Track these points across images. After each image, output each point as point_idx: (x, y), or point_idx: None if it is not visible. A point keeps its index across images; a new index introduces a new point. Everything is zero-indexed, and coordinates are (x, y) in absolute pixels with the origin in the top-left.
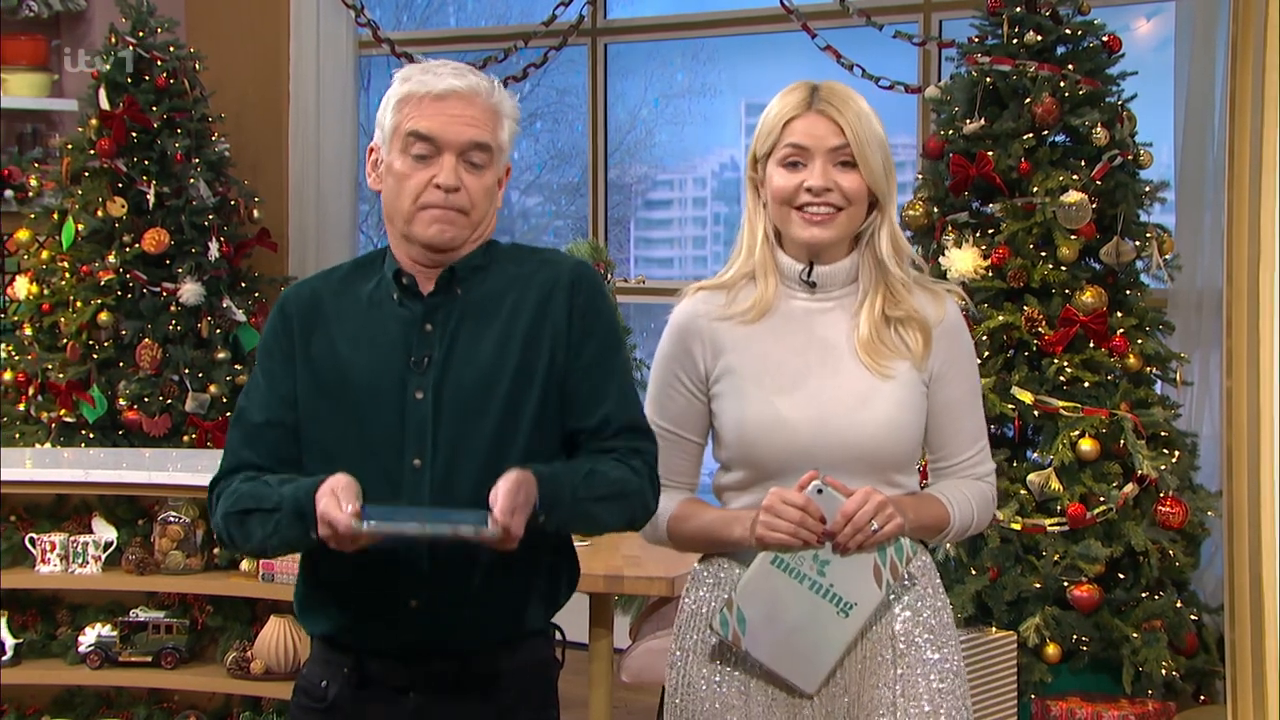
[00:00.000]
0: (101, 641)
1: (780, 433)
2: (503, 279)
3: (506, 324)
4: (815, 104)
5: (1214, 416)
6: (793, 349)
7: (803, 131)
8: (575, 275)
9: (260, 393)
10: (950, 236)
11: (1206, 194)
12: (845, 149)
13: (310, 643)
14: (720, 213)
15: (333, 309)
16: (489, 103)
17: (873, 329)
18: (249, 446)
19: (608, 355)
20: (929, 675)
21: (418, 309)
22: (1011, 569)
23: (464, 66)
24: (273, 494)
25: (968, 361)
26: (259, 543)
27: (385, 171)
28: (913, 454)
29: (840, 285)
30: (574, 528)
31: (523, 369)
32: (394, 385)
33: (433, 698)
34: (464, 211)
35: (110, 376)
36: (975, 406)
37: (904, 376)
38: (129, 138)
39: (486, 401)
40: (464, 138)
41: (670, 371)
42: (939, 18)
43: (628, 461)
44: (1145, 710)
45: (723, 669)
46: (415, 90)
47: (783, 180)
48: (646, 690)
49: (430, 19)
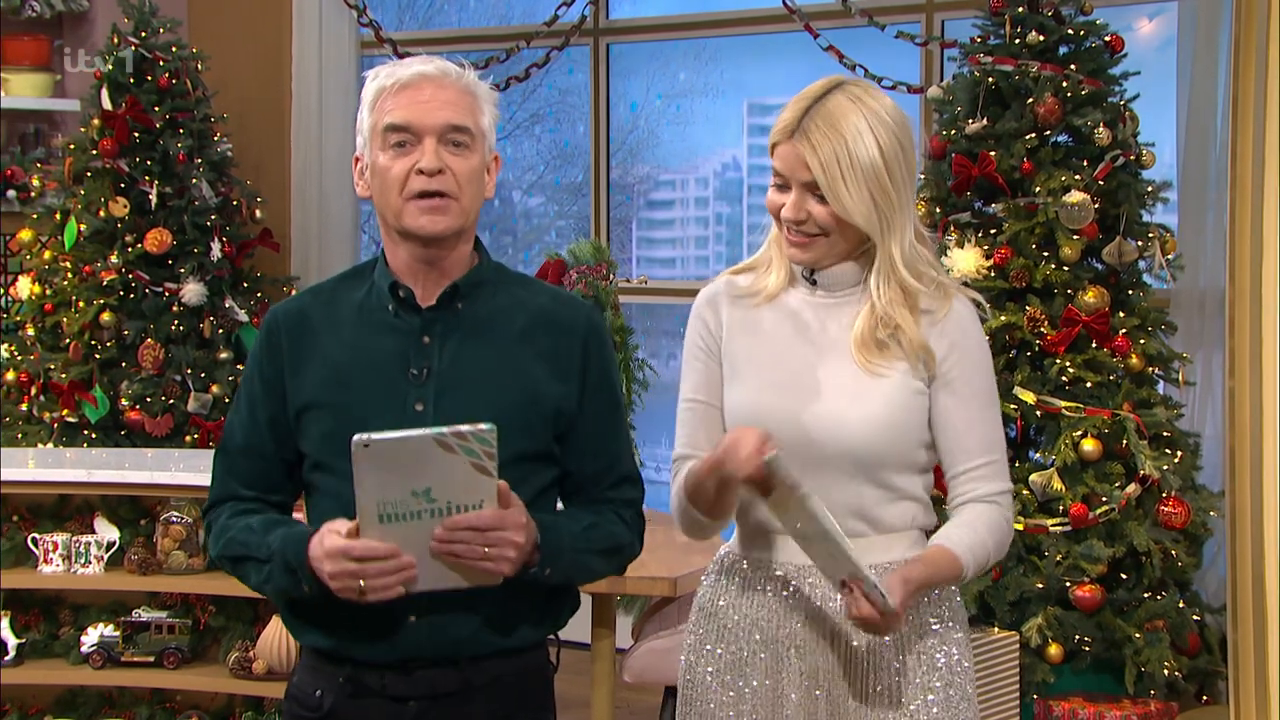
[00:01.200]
0: (104, 641)
1: (766, 424)
2: (508, 299)
3: (514, 345)
4: (799, 130)
5: (1216, 417)
6: (789, 343)
7: (780, 159)
8: (593, 323)
9: (242, 419)
10: (952, 236)
11: (1209, 194)
12: (814, 185)
13: (301, 648)
14: (722, 213)
15: (322, 322)
16: (461, 84)
17: (870, 328)
18: (233, 475)
19: (614, 408)
20: (936, 673)
21: (415, 321)
22: (1014, 569)
23: (432, 57)
24: (261, 544)
25: (973, 366)
26: (255, 588)
27: (370, 173)
28: (905, 456)
29: (844, 287)
30: (571, 578)
31: (532, 392)
32: (393, 397)
33: (431, 704)
34: (452, 196)
35: (112, 376)
36: (984, 415)
37: (899, 377)
38: (131, 138)
39: (490, 417)
40: (439, 120)
41: (694, 343)
42: (941, 18)
43: (622, 514)
44: (1148, 710)
45: (735, 666)
46: (384, 84)
47: (772, 196)
48: (648, 690)
49: (432, 19)
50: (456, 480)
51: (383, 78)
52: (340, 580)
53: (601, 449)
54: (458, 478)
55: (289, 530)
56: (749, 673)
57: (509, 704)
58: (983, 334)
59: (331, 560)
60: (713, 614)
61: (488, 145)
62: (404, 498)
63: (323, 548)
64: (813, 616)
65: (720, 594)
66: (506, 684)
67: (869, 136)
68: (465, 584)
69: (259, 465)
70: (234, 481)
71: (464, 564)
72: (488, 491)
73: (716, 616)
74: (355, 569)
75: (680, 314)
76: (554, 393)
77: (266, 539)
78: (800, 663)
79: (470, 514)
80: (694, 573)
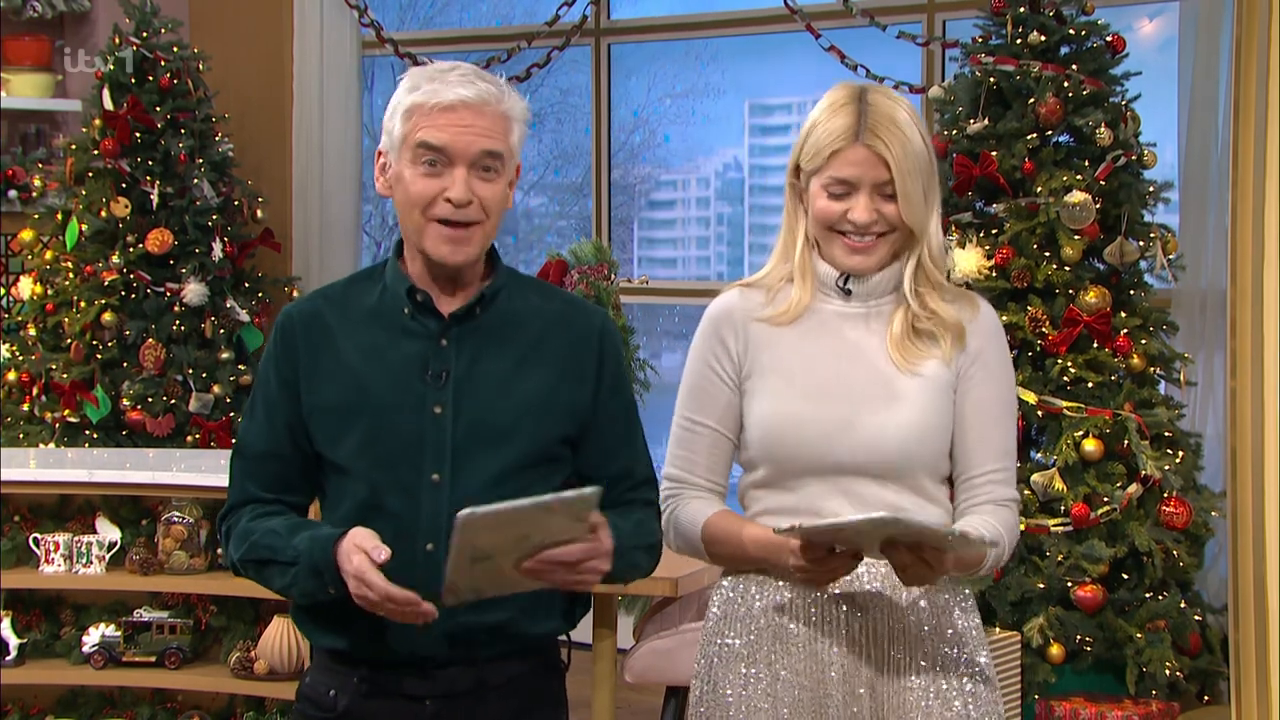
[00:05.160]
0: (105, 641)
1: (804, 432)
2: (525, 306)
3: (531, 350)
4: (862, 135)
5: (1218, 417)
6: (824, 352)
7: (849, 165)
8: (607, 328)
9: (258, 423)
10: (954, 237)
11: (1211, 194)
12: (889, 183)
13: (312, 648)
14: (724, 213)
15: (336, 324)
16: (499, 110)
17: (906, 327)
18: (251, 479)
19: (629, 411)
20: (961, 676)
21: (432, 325)
22: (1015, 569)
23: (470, 69)
24: (287, 547)
25: (999, 368)
26: (279, 591)
27: (395, 180)
28: (936, 462)
29: (877, 296)
30: (621, 577)
31: (548, 397)
32: (412, 400)
33: (446, 703)
34: (476, 224)
35: (114, 377)
36: (1003, 420)
37: (934, 377)
38: (133, 138)
39: (509, 419)
40: (475, 148)
41: (706, 364)
42: (942, 18)
43: (648, 514)
44: (1149, 711)
45: (750, 670)
46: (424, 101)
47: (826, 207)
48: (650, 690)
49: (434, 19)
50: (553, 529)
51: (423, 92)
52: (359, 599)
53: (619, 452)
54: (554, 528)
55: (315, 532)
56: (763, 679)
57: (523, 702)
58: (1006, 342)
59: (352, 580)
60: (724, 618)
61: (514, 162)
62: (500, 544)
63: (351, 563)
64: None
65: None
66: (521, 682)
67: (915, 131)
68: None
69: (277, 468)
70: (252, 485)
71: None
72: (580, 531)
73: (729, 621)
74: (374, 600)
75: (681, 314)
76: (569, 397)
77: (292, 542)
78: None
79: (560, 549)
80: (694, 573)
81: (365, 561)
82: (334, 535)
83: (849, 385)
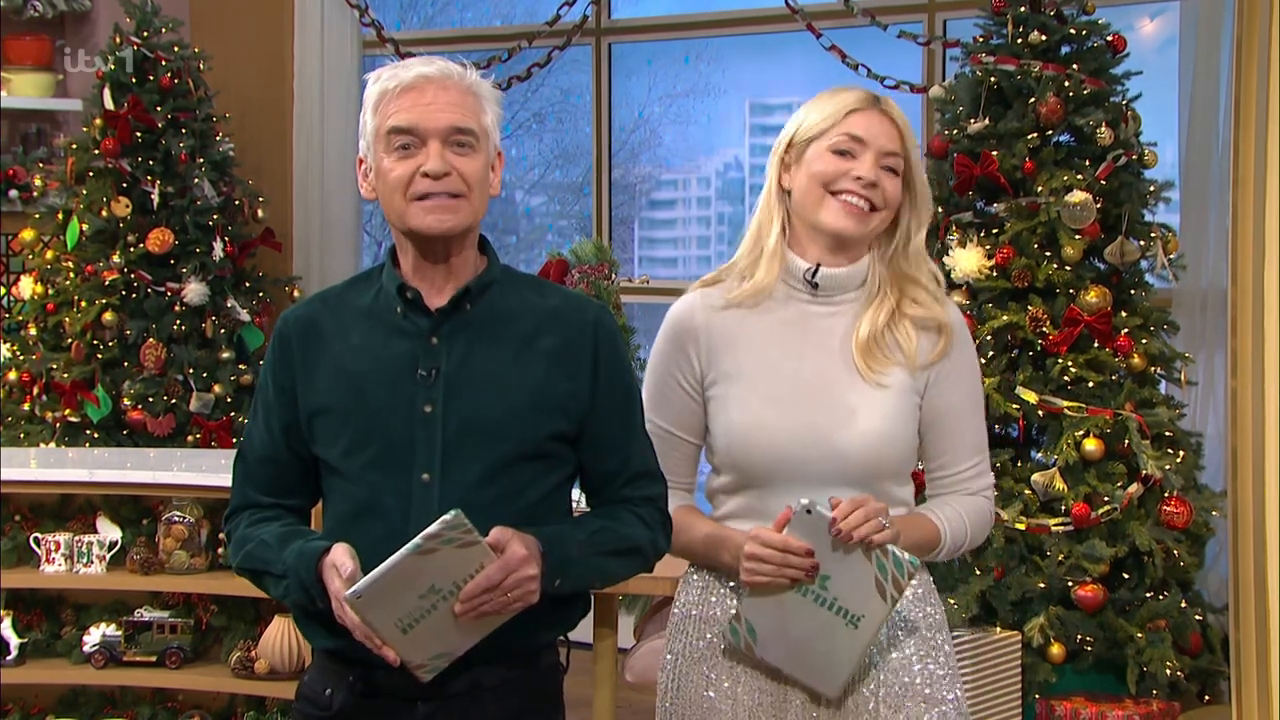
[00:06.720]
0: (106, 641)
1: (768, 440)
2: (519, 302)
3: (524, 346)
4: (880, 104)
5: (1218, 416)
6: (788, 354)
7: (864, 125)
8: (602, 322)
9: (258, 428)
10: (954, 236)
11: (1211, 193)
12: (896, 156)
13: (312, 648)
14: (724, 213)
15: (331, 326)
16: (463, 84)
17: (872, 332)
18: (251, 483)
19: (627, 405)
20: (914, 679)
21: (423, 322)
22: (1016, 569)
23: (433, 57)
24: (277, 560)
25: (967, 369)
26: (276, 599)
27: (375, 176)
28: (904, 465)
29: (844, 291)
30: (588, 584)
31: (541, 392)
32: (402, 399)
33: (441, 706)
34: (460, 195)
35: (115, 376)
36: (974, 417)
37: (898, 385)
38: (133, 137)
39: (500, 417)
40: (443, 123)
41: (667, 371)
42: (943, 17)
43: (639, 511)
44: (1150, 710)
45: (711, 673)
46: (387, 86)
47: (829, 165)
48: (650, 690)
49: (434, 19)
50: (450, 566)
51: (384, 80)
52: (340, 621)
53: (616, 446)
54: (450, 564)
55: (303, 545)
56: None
57: (518, 705)
58: (971, 338)
59: (334, 601)
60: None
61: (492, 144)
62: (413, 606)
63: (332, 585)
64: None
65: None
66: (516, 685)
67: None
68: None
69: (275, 471)
70: (251, 489)
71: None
72: (483, 555)
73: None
74: (351, 626)
75: None
76: (563, 392)
77: (282, 555)
78: None
79: (477, 579)
80: None
81: (336, 579)
82: (317, 551)
83: (813, 392)
